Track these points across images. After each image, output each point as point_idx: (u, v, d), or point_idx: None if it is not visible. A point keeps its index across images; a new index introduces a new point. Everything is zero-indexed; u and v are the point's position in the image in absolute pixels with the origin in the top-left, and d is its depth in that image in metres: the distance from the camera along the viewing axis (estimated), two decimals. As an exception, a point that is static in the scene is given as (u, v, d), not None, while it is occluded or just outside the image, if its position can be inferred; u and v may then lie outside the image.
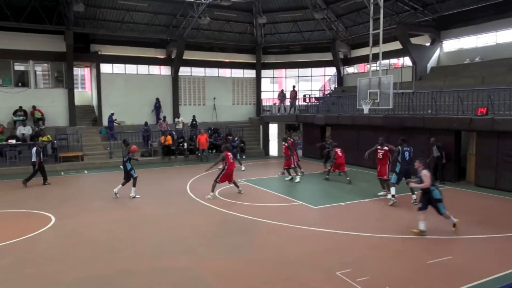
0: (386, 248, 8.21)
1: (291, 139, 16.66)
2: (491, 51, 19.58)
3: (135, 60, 24.97)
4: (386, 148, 12.31)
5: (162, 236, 9.06)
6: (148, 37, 24.52)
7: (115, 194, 12.81)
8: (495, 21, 19.06)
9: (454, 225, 9.00)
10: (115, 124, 22.57)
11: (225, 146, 14.16)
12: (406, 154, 11.65)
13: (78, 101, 23.67)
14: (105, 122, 23.02)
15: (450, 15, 20.21)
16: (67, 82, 22.65)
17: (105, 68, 24.19)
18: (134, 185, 12.82)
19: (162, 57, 25.97)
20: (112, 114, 22.51)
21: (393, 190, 11.65)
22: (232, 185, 13.24)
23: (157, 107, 24.87)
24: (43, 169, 15.34)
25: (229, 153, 13.12)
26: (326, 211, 11.25)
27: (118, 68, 24.77)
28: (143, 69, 25.43)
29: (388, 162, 12.41)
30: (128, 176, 12.88)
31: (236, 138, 21.87)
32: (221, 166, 13.22)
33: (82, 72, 27.51)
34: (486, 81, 17.49)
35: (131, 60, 24.84)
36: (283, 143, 16.16)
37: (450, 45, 22.10)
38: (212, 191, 12.60)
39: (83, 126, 22.93)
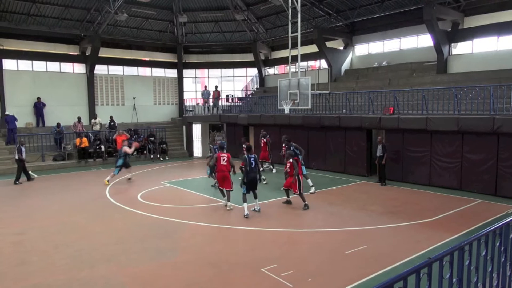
0: (307, 242, 8.62)
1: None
2: (396, 56, 21.51)
3: (44, 56, 23.06)
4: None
5: (80, 244, 8.49)
6: (58, 32, 22.77)
7: None
8: (399, 29, 20.95)
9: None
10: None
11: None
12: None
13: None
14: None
15: (360, 21, 21.96)
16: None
17: (9, 64, 22.02)
18: None
19: (76, 53, 24.32)
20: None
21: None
22: (158, 187, 12.82)
23: (39, 108, 22.36)
24: None
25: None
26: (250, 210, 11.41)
27: (25, 64, 22.68)
28: (53, 66, 23.57)
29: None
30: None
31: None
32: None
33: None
34: (392, 83, 19.17)
35: (40, 56, 22.91)
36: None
37: (361, 49, 23.79)
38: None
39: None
